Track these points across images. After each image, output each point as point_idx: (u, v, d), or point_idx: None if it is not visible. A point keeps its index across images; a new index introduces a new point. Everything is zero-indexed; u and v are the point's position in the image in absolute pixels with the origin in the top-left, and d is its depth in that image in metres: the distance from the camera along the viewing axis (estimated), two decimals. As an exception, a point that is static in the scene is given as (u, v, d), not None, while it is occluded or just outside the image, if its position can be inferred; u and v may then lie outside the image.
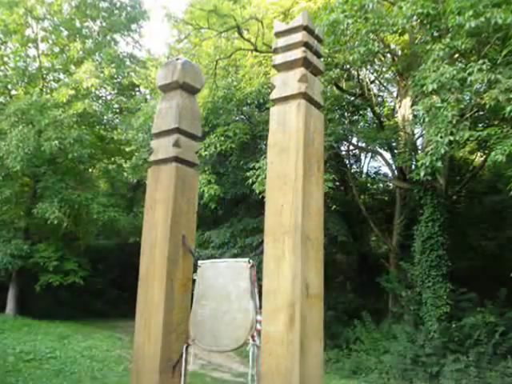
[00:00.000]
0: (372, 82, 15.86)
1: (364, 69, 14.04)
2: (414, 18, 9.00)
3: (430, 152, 7.96)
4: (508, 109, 7.11)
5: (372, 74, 15.66)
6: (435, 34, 9.69)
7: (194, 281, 2.82)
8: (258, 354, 2.41)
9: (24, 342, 10.33)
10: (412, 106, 12.23)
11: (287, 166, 2.40)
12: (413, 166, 12.80)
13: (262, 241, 2.46)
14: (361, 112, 16.41)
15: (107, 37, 18.50)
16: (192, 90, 3.01)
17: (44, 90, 16.97)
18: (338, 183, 16.32)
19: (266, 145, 11.31)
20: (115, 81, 18.10)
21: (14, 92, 17.43)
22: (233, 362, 12.04)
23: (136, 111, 16.67)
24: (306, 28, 2.51)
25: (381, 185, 20.01)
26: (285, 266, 2.28)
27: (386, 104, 17.93)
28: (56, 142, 14.13)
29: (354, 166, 19.16)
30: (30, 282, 16.15)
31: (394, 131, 13.61)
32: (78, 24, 17.50)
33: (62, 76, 17.66)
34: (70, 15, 17.10)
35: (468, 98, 8.62)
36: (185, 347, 2.69)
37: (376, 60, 13.69)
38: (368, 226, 16.57)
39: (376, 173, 19.29)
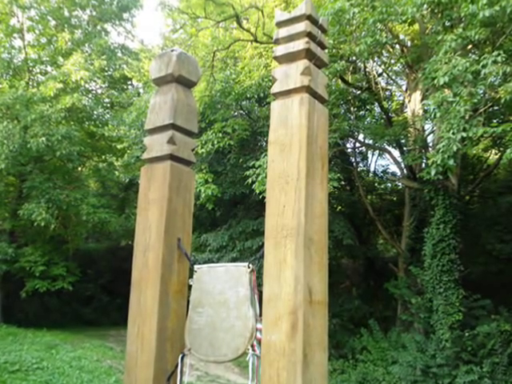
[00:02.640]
0: (380, 75, 15.87)
1: (371, 61, 14.04)
2: (425, 6, 9.01)
3: (441, 149, 7.96)
4: (524, 103, 7.13)
5: (380, 66, 15.66)
6: (447, 23, 9.70)
7: (189, 286, 2.82)
8: (258, 364, 2.41)
9: (9, 351, 10.33)
10: (422, 100, 12.23)
11: (289, 165, 2.40)
12: (423, 165, 12.81)
13: (263, 244, 2.46)
14: (368, 107, 16.42)
15: (97, 27, 18.53)
16: (188, 84, 3.01)
17: (30, 83, 16.98)
18: (343, 183, 16.33)
19: (266, 142, 11.31)
20: (106, 73, 18.12)
21: (-2, 85, 17.44)
22: (231, 373, 12.05)
23: (128, 106, 16.69)
24: (309, 17, 2.51)
25: (389, 184, 20.03)
26: (287, 270, 2.28)
27: (395, 98, 17.94)
28: (43, 138, 14.13)
29: (361, 165, 19.20)
30: (16, 288, 16.15)
31: (403, 127, 13.59)
32: (66, 13, 17.52)
33: (49, 68, 17.68)
34: (58, 4, 17.13)
35: (482, 91, 8.62)
36: (180, 357, 2.69)
37: (384, 51, 13.69)
38: (375, 228, 16.60)
39: (384, 171, 19.33)
